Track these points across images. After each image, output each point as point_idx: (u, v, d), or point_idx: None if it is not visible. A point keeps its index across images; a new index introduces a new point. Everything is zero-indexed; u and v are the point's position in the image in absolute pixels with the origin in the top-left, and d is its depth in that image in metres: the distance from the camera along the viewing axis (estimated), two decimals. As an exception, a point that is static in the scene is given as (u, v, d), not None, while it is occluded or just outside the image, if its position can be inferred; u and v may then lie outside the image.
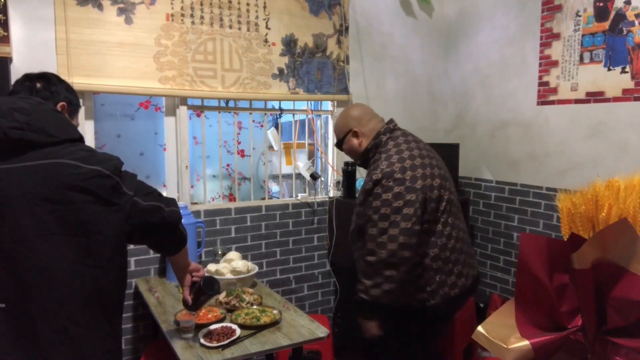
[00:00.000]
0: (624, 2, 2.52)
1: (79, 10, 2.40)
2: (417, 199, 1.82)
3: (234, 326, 1.91)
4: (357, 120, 2.05)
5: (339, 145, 2.13)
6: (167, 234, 1.46)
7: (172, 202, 1.45)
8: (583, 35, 2.72)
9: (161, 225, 1.39)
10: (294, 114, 3.22)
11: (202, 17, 2.70)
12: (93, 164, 1.23)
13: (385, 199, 1.82)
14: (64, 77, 2.40)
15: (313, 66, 3.07)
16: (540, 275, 1.39)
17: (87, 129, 2.52)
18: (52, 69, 2.37)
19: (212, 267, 2.44)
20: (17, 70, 2.32)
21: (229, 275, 2.39)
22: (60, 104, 1.46)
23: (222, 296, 2.22)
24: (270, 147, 3.27)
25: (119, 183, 1.27)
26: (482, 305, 3.14)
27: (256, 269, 2.51)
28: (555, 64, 2.88)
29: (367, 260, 1.83)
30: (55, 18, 2.36)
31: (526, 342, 1.35)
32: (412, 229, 1.80)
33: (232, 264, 2.43)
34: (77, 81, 2.40)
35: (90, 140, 2.54)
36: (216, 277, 2.34)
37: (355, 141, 2.05)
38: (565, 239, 1.45)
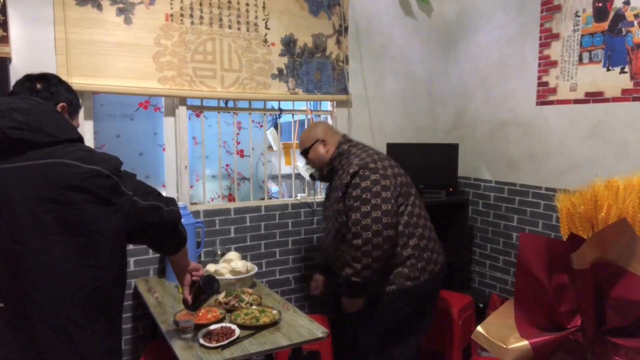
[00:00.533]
0: (623, 3, 2.52)
1: (78, 10, 2.40)
2: (391, 184, 2.03)
3: (233, 326, 1.91)
4: (323, 132, 2.29)
5: (305, 153, 2.30)
6: (167, 234, 1.46)
7: (171, 201, 1.45)
8: (582, 36, 2.73)
9: (161, 225, 1.39)
10: (293, 114, 3.22)
11: (201, 17, 2.70)
12: (92, 164, 1.23)
13: (365, 186, 2.00)
14: (63, 77, 2.40)
15: (312, 66, 3.07)
16: (540, 275, 1.39)
17: (86, 129, 2.52)
18: (51, 69, 2.37)
19: (211, 267, 2.44)
20: (16, 71, 2.32)
21: (229, 276, 2.39)
22: (60, 104, 1.46)
23: (221, 296, 2.22)
24: (270, 147, 3.28)
25: (118, 183, 1.27)
26: (481, 305, 3.14)
27: (255, 269, 2.51)
28: (554, 64, 2.88)
29: (354, 244, 1.98)
30: (55, 18, 2.36)
31: (525, 342, 1.35)
32: (391, 210, 1.99)
33: (231, 264, 2.43)
34: (77, 81, 2.39)
35: (89, 141, 2.54)
36: (215, 277, 2.35)
37: (322, 149, 2.26)
38: (565, 239, 1.45)
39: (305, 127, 3.28)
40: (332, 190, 2.21)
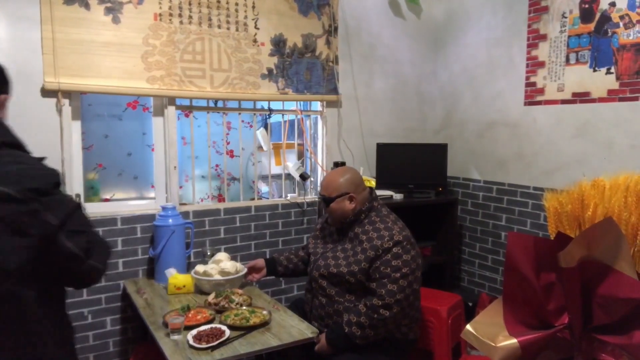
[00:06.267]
0: (609, 4, 2.55)
1: (65, 9, 2.38)
2: (419, 264, 2.09)
3: (223, 327, 1.90)
4: (354, 186, 2.18)
5: (328, 201, 2.18)
6: (78, 284, 1.24)
7: (102, 252, 1.20)
8: (569, 37, 2.76)
9: (73, 275, 1.16)
10: (283, 114, 3.22)
11: (190, 17, 2.69)
12: (3, 185, 1.01)
13: (406, 259, 2.02)
14: (50, 77, 2.39)
15: (302, 66, 3.07)
16: (528, 273, 1.40)
17: (74, 130, 2.50)
18: (38, 68, 2.34)
19: (200, 268, 2.42)
20: (2, 70, 2.29)
21: (218, 277, 2.37)
22: None
23: (211, 297, 2.21)
24: (260, 148, 3.26)
25: (37, 210, 1.04)
26: (470, 304, 3.16)
27: (245, 269, 2.49)
28: (542, 64, 2.91)
29: (382, 313, 1.98)
30: (42, 17, 2.33)
31: (514, 340, 1.36)
32: (419, 290, 2.10)
33: (220, 265, 2.41)
34: (64, 81, 2.37)
35: (77, 141, 2.52)
36: (205, 278, 2.33)
37: (348, 204, 2.16)
38: (552, 238, 1.47)
39: (295, 127, 3.28)
40: (354, 241, 2.15)
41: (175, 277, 2.40)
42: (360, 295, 2.08)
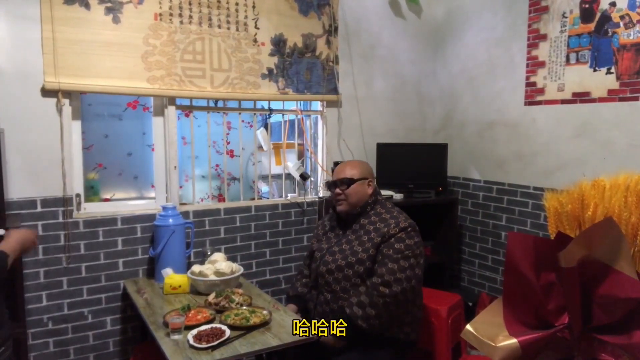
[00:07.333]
0: (609, 4, 2.55)
1: (65, 9, 2.38)
2: (423, 253, 2.14)
3: (224, 327, 1.90)
4: (373, 175, 2.32)
5: (349, 182, 2.22)
6: None
7: None
8: (569, 37, 2.76)
9: None
10: (283, 114, 3.22)
11: (190, 17, 2.69)
12: None
13: (409, 244, 2.08)
14: (50, 76, 2.39)
15: (302, 66, 3.07)
16: (528, 273, 1.40)
17: (74, 129, 2.50)
18: (38, 68, 2.34)
19: (196, 268, 2.40)
20: (2, 70, 2.29)
21: (213, 277, 2.36)
22: None
23: (211, 297, 2.21)
24: (260, 147, 3.26)
25: None
26: (470, 304, 3.16)
27: (241, 270, 2.47)
28: (542, 64, 2.91)
29: (381, 290, 2.00)
30: (42, 17, 2.33)
31: (514, 340, 1.36)
32: (421, 276, 2.12)
33: (215, 266, 2.40)
34: (64, 81, 2.37)
35: (77, 141, 2.52)
36: (200, 278, 2.33)
37: (368, 189, 2.25)
38: (552, 238, 1.47)
39: (295, 127, 3.28)
40: (359, 232, 2.18)
41: (171, 277, 2.40)
42: None
